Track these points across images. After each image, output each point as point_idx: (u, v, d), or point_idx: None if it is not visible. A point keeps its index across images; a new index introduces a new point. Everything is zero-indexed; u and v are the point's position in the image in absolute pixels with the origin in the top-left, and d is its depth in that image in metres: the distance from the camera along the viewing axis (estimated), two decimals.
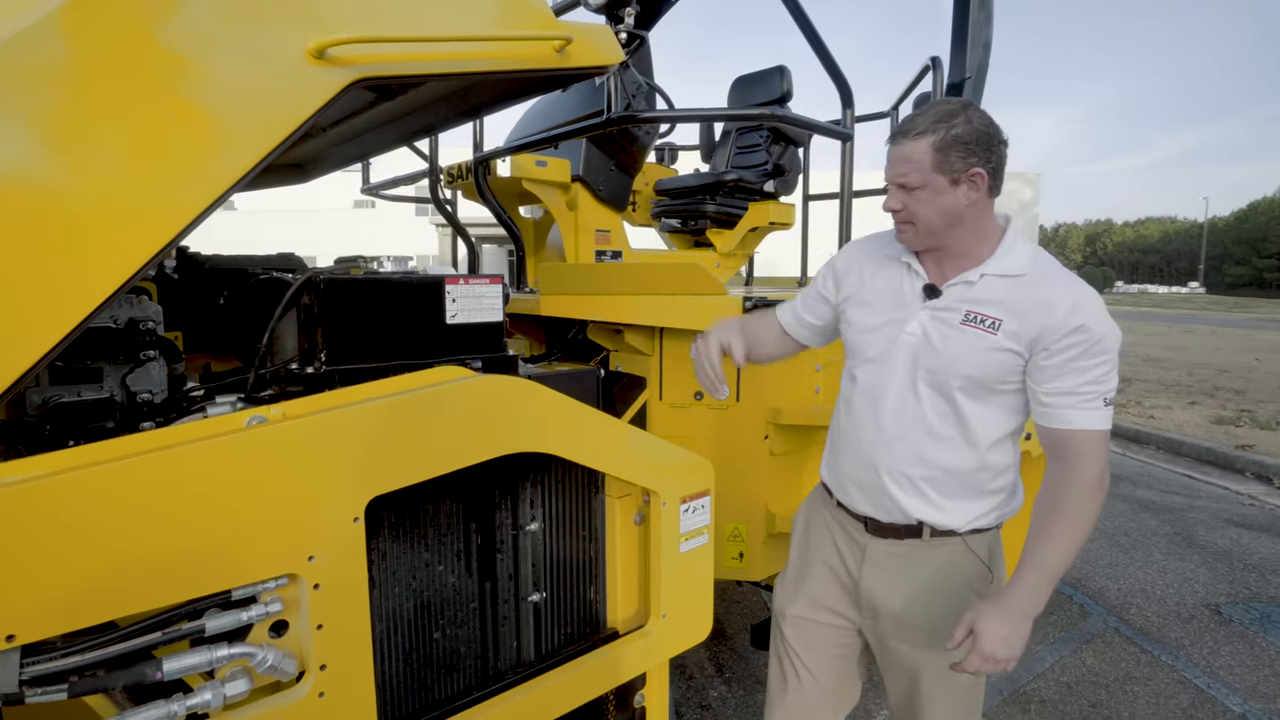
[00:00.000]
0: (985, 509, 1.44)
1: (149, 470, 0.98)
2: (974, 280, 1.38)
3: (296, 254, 1.94)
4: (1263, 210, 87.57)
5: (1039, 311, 1.31)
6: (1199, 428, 7.27)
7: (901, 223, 1.40)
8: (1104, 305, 1.32)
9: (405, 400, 1.17)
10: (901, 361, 1.43)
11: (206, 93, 1.11)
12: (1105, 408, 1.31)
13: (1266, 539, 4.49)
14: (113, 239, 1.04)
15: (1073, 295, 1.30)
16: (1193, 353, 14.53)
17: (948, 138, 1.29)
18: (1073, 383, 1.30)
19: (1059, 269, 1.37)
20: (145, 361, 1.36)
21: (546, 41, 1.41)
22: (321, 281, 1.27)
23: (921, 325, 1.41)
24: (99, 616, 0.94)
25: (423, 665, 1.41)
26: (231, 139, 1.13)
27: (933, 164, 1.31)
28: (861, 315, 1.52)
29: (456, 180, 2.80)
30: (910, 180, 1.33)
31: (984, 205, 1.36)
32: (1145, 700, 2.81)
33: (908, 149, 1.33)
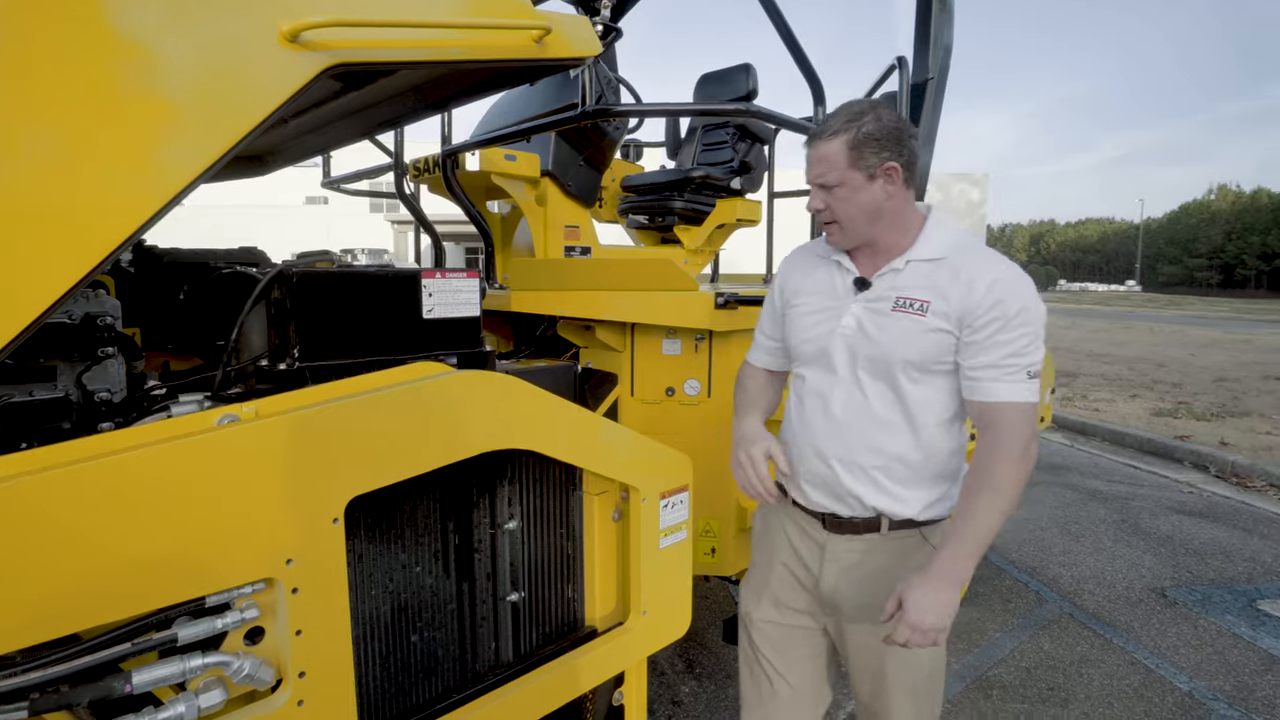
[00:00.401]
0: (938, 495, 1.47)
1: (115, 473, 0.93)
2: (900, 268, 1.43)
3: (259, 248, 1.87)
4: (1193, 212, 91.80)
5: (961, 290, 1.36)
6: (1140, 419, 7.58)
7: (827, 223, 1.45)
8: (1027, 281, 1.37)
9: (386, 396, 1.14)
10: (842, 356, 1.47)
11: (172, 77, 1.05)
12: (1029, 380, 1.35)
13: (1205, 524, 4.71)
14: (70, 231, 0.98)
15: (992, 273, 1.35)
16: (1132, 348, 15.14)
17: (860, 135, 1.35)
18: (995, 356, 1.34)
19: (980, 248, 1.42)
20: (103, 359, 1.29)
21: (525, 31, 1.38)
22: (295, 275, 1.22)
23: (856, 318, 1.45)
24: (62, 629, 0.89)
25: (400, 669, 1.38)
26: (198, 127, 1.08)
27: (848, 161, 1.36)
28: (800, 317, 1.56)
29: (423, 174, 2.74)
30: (829, 179, 1.39)
31: (902, 198, 1.41)
32: (1099, 682, 2.91)
33: (823, 149, 1.38)
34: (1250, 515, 4.90)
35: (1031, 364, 1.35)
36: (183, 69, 1.06)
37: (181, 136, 1.07)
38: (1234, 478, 5.73)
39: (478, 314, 1.48)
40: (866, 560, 1.49)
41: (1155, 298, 57.31)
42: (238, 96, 1.11)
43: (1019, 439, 1.34)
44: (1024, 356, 1.34)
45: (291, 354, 1.25)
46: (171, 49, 1.05)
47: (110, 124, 1.00)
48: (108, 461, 0.93)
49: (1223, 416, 7.68)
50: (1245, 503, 5.16)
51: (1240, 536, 4.49)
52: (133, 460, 0.94)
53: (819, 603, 1.56)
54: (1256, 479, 5.64)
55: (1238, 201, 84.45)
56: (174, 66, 1.06)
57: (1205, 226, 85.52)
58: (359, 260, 2.01)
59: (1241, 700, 2.78)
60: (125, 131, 1.02)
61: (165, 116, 1.05)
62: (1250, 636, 3.26)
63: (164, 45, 1.05)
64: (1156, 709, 2.73)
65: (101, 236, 1.01)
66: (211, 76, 1.09)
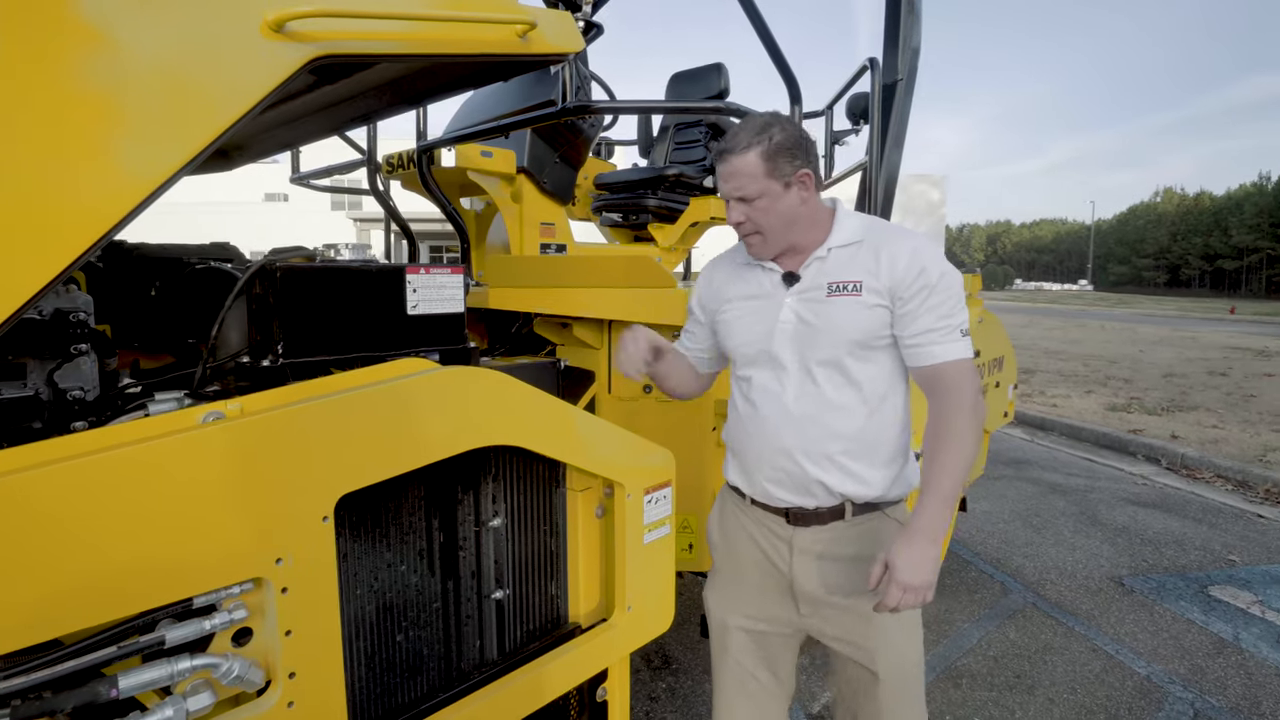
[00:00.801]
0: (895, 473, 1.51)
1: (97, 472, 0.90)
2: (824, 256, 1.50)
3: (232, 244, 1.83)
4: (1141, 214, 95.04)
5: (885, 266, 1.44)
6: (1095, 414, 7.82)
7: (748, 235, 1.50)
8: (939, 250, 1.48)
9: (378, 392, 1.12)
10: (788, 350, 1.50)
11: (152, 67, 1.03)
12: (963, 338, 1.44)
13: (1158, 515, 4.89)
14: (46, 226, 0.95)
15: (909, 245, 1.44)
16: (1086, 345, 15.63)
17: (772, 147, 1.40)
18: (929, 320, 1.42)
19: (890, 227, 1.52)
20: (75, 356, 1.25)
21: (510, 25, 1.37)
22: (278, 269, 1.20)
23: (793, 310, 1.50)
24: (45, 634, 0.87)
25: (386, 669, 1.36)
26: (178, 119, 1.05)
27: (765, 172, 1.41)
28: (733, 322, 1.59)
29: (396, 170, 2.70)
30: (749, 190, 1.43)
31: (814, 200, 1.49)
32: (1063, 669, 3.00)
33: (738, 163, 1.42)
34: (1200, 505, 5.10)
35: (961, 323, 1.44)
36: (163, 59, 1.03)
37: (161, 129, 1.04)
38: (1184, 469, 5.96)
39: (462, 310, 1.47)
40: (834, 549, 1.51)
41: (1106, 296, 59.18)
42: (219, 88, 1.08)
43: (968, 391, 1.42)
44: (954, 317, 1.43)
45: (274, 350, 1.23)
46: (152, 39, 1.03)
47: (87, 116, 0.98)
48: (90, 460, 0.91)
49: (1172, 411, 7.97)
50: (1195, 493, 5.37)
51: (1191, 526, 4.67)
52: (116, 459, 0.92)
53: (794, 601, 1.56)
54: (1205, 470, 5.87)
55: (1182, 204, 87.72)
56: (154, 57, 1.03)
57: (1152, 228, 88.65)
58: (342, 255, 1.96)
59: (1195, 682, 2.90)
60: (103, 124, 0.99)
61: (144, 108, 1.02)
62: (1202, 621, 3.40)
63: (144, 35, 1.02)
64: (1117, 693, 2.83)
65: (78, 231, 0.98)
66: (193, 67, 1.06)
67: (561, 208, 2.93)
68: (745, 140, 1.42)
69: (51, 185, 0.96)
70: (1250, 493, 5.35)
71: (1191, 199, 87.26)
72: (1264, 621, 3.41)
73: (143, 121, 1.02)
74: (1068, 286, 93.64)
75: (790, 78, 2.08)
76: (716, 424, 2.52)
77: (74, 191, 0.97)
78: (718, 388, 2.49)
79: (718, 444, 2.56)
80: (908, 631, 1.54)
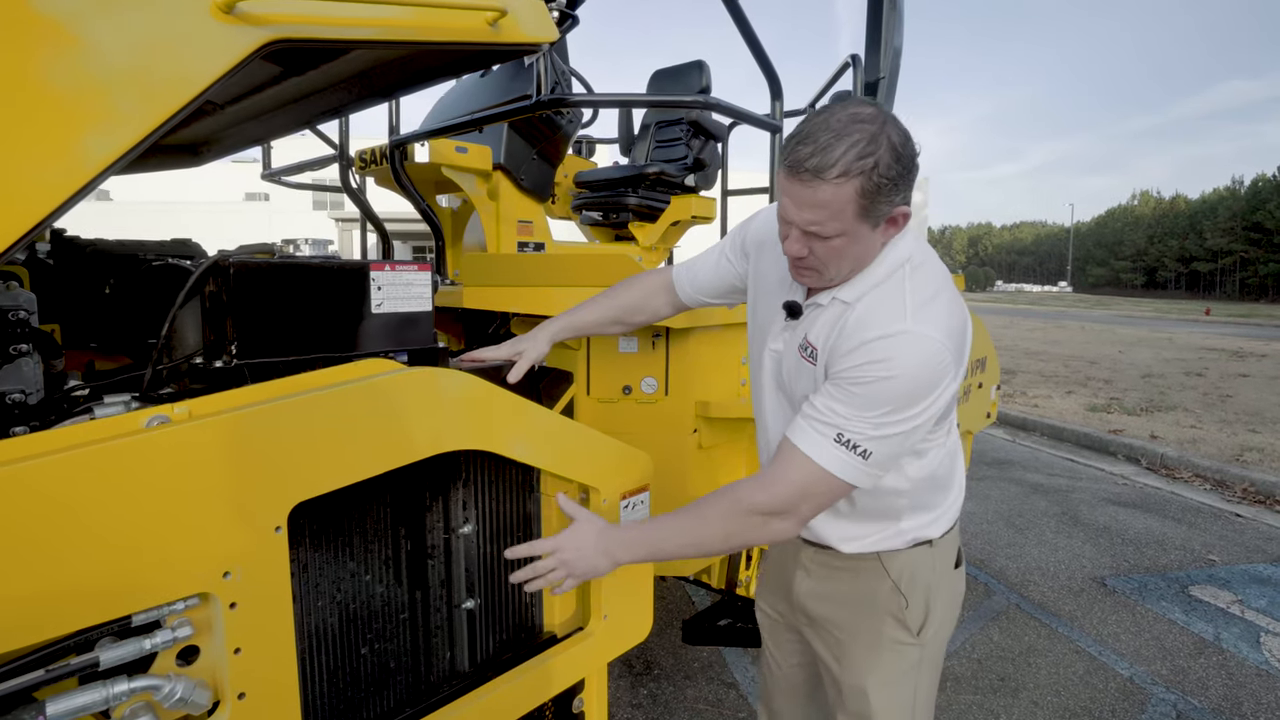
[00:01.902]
0: (874, 530, 1.36)
1: (29, 480, 0.84)
2: (824, 304, 1.25)
3: (194, 240, 1.76)
4: (1118, 216, 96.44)
5: (839, 336, 1.18)
6: (1076, 415, 7.87)
7: (805, 268, 1.20)
8: (927, 347, 1.11)
9: (333, 395, 1.06)
10: (769, 374, 1.40)
11: (87, 48, 0.96)
12: (836, 444, 1.12)
13: (1139, 515, 4.91)
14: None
15: (879, 329, 1.13)
16: (1066, 346, 15.77)
17: (875, 179, 1.05)
18: (820, 400, 1.16)
19: (895, 300, 1.16)
20: (16, 357, 1.18)
21: (479, 12, 1.32)
22: (231, 265, 1.14)
23: (784, 342, 1.35)
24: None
25: (349, 684, 1.30)
26: (116, 106, 0.98)
27: (857, 212, 1.08)
28: (751, 304, 1.50)
29: (369, 166, 2.64)
30: (826, 230, 1.10)
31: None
32: (1047, 671, 2.99)
33: (825, 194, 1.06)
34: (1180, 505, 5.13)
35: (847, 430, 1.12)
36: (103, 39, 0.97)
37: (97, 116, 0.97)
38: (1163, 469, 6.00)
39: (430, 309, 1.41)
40: (829, 574, 1.45)
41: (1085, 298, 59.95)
42: (163, 72, 1.02)
43: (773, 492, 1.17)
44: (838, 416, 1.12)
45: (229, 351, 1.16)
46: (91, 19, 0.96)
47: (15, 101, 0.91)
48: (19, 468, 0.84)
49: (1151, 411, 8.04)
50: (1175, 493, 5.40)
51: (1171, 526, 4.70)
52: (49, 466, 0.85)
53: (791, 606, 1.54)
54: (1184, 470, 5.91)
55: (1158, 207, 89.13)
56: (93, 36, 0.96)
57: (1129, 231, 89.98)
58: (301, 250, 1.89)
59: (1178, 683, 2.89)
60: (34, 109, 0.92)
61: (79, 93, 0.96)
62: (1184, 622, 3.40)
63: (83, 15, 0.96)
64: (1101, 695, 2.82)
65: (5, 224, 0.91)
66: (135, 50, 0.99)
67: (540, 205, 2.87)
68: (841, 164, 1.04)
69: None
70: (1228, 492, 5.39)
71: (1167, 203, 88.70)
72: (1244, 621, 3.41)
73: (78, 107, 0.96)
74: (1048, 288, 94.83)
75: (771, 73, 2.04)
76: (698, 426, 2.47)
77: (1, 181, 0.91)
78: (700, 390, 2.45)
79: (699, 446, 2.51)
80: (904, 672, 1.40)
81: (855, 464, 1.13)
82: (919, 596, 1.38)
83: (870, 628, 1.40)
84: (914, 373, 1.11)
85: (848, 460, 1.13)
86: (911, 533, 1.37)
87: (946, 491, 1.40)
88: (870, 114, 1.08)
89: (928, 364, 1.11)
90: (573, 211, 3.68)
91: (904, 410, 1.12)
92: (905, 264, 1.20)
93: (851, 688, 1.42)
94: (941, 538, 1.40)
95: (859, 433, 1.12)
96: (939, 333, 1.13)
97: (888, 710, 1.40)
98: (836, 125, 1.07)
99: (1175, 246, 79.12)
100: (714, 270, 1.60)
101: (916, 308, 1.14)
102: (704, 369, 2.46)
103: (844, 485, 1.16)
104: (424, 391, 1.19)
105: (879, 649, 1.40)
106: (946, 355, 1.13)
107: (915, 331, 1.12)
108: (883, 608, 1.39)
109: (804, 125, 1.11)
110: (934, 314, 1.15)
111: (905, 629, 1.39)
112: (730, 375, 2.60)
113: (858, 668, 1.41)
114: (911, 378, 1.11)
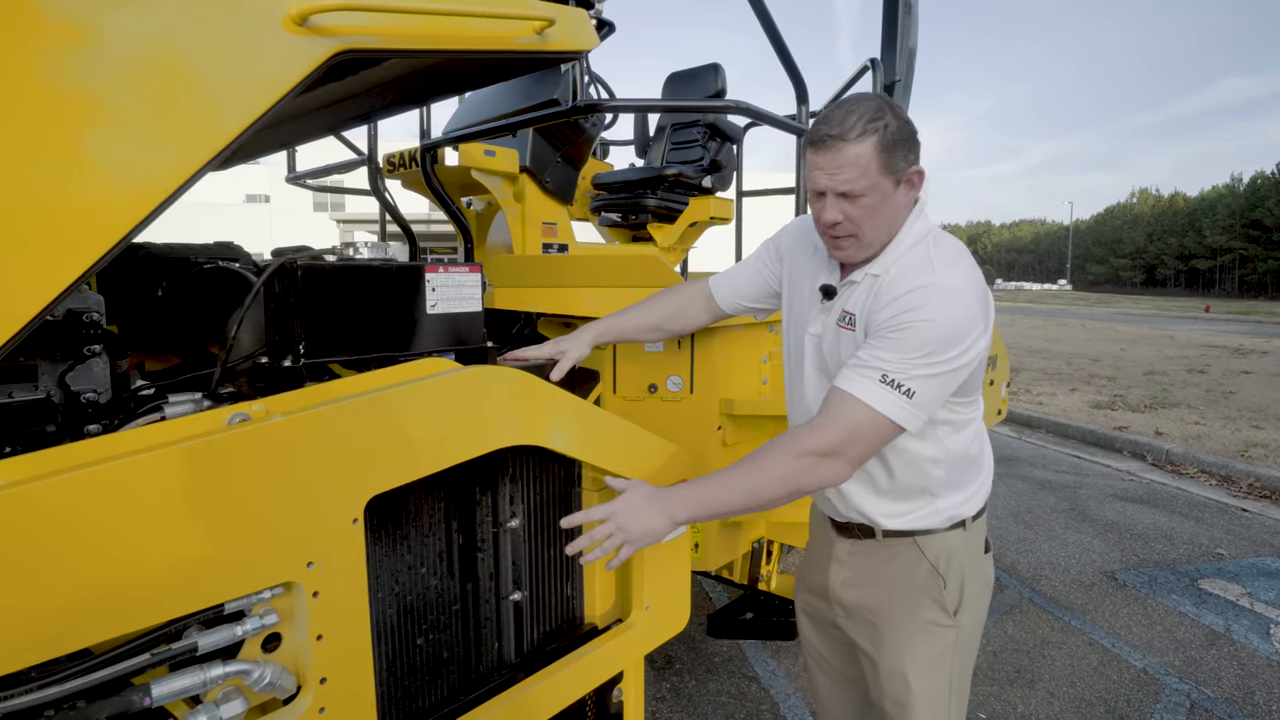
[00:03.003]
0: (914, 508, 1.40)
1: (125, 478, 0.88)
2: (858, 280, 1.35)
3: (236, 244, 1.80)
4: (1117, 214, 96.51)
5: (874, 300, 1.29)
6: (1081, 412, 7.92)
7: (842, 236, 1.30)
8: (958, 297, 1.22)
9: (407, 392, 1.10)
10: (810, 359, 1.46)
11: (174, 63, 1.01)
12: (881, 384, 1.20)
13: (1146, 510, 4.95)
14: (68, 227, 0.93)
15: (910, 281, 1.24)
16: (1068, 344, 15.83)
17: (889, 136, 1.21)
18: (863, 352, 1.26)
19: (922, 260, 1.28)
20: (88, 358, 1.22)
21: (529, 21, 1.36)
22: (299, 268, 1.18)
23: (822, 324, 1.43)
24: (76, 644, 0.84)
25: (407, 673, 1.34)
26: (202, 116, 1.03)
27: (880, 166, 1.22)
28: (786, 303, 1.57)
29: (397, 170, 2.68)
30: (857, 185, 1.23)
31: (913, 202, 1.34)
32: (1061, 663, 3.03)
33: (850, 152, 1.21)
34: (1186, 500, 5.18)
35: (894, 371, 1.20)
36: (185, 54, 1.01)
37: (184, 127, 1.02)
38: (1169, 465, 6.05)
39: (480, 309, 1.45)
40: (866, 566, 1.48)
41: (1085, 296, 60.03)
42: (243, 84, 1.06)
43: (826, 435, 1.23)
44: (885, 362, 1.21)
45: (296, 350, 1.21)
46: (173, 33, 1.01)
47: (109, 114, 0.95)
48: (117, 466, 0.88)
49: (1155, 408, 8.09)
50: (1181, 489, 5.45)
51: (1178, 520, 4.75)
52: (144, 464, 0.90)
53: (828, 599, 1.57)
54: (1189, 466, 5.96)
55: (1157, 205, 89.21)
56: (175, 52, 1.01)
57: (1128, 228, 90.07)
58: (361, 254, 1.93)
59: (1190, 674, 2.94)
60: (125, 122, 0.97)
61: (167, 105, 1.00)
62: (1194, 614, 3.45)
63: (165, 30, 1.00)
64: (1115, 686, 2.86)
65: (100, 232, 0.96)
66: (215, 62, 1.04)
67: (563, 208, 2.92)
68: (858, 126, 1.21)
69: (72, 185, 0.94)
70: (1234, 487, 5.44)
71: (1166, 200, 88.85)
72: (1253, 613, 3.46)
73: (164, 119, 1.00)
74: (1047, 286, 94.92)
75: (797, 77, 2.08)
76: (722, 423, 2.52)
77: (94, 191, 0.95)
78: (724, 387, 2.49)
79: (723, 444, 2.56)
80: (940, 654, 1.44)
81: (900, 402, 1.21)
82: (955, 578, 1.43)
83: (908, 610, 1.44)
84: (946, 317, 1.22)
85: (893, 399, 1.21)
86: (947, 511, 1.42)
87: (978, 469, 1.47)
88: (871, 96, 1.28)
89: (958, 310, 1.23)
90: (591, 213, 3.72)
91: (941, 353, 1.21)
92: (928, 236, 1.34)
93: (890, 673, 1.46)
94: (974, 519, 1.46)
95: (902, 372, 1.21)
96: (965, 284, 1.25)
97: (926, 694, 1.44)
98: (846, 106, 1.26)
99: (1174, 244, 79.30)
100: (753, 277, 1.68)
101: (944, 265, 1.27)
102: (728, 367, 2.50)
103: (890, 425, 1.22)
104: (490, 388, 1.23)
105: (916, 631, 1.44)
106: (975, 304, 1.24)
107: (944, 283, 1.24)
108: (921, 589, 1.43)
109: (821, 115, 1.30)
110: (959, 271, 1.27)
111: (943, 610, 1.43)
112: (752, 374, 2.65)
113: (897, 652, 1.46)
114: (945, 322, 1.21)
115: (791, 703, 2.76)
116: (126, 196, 0.97)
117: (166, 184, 1.00)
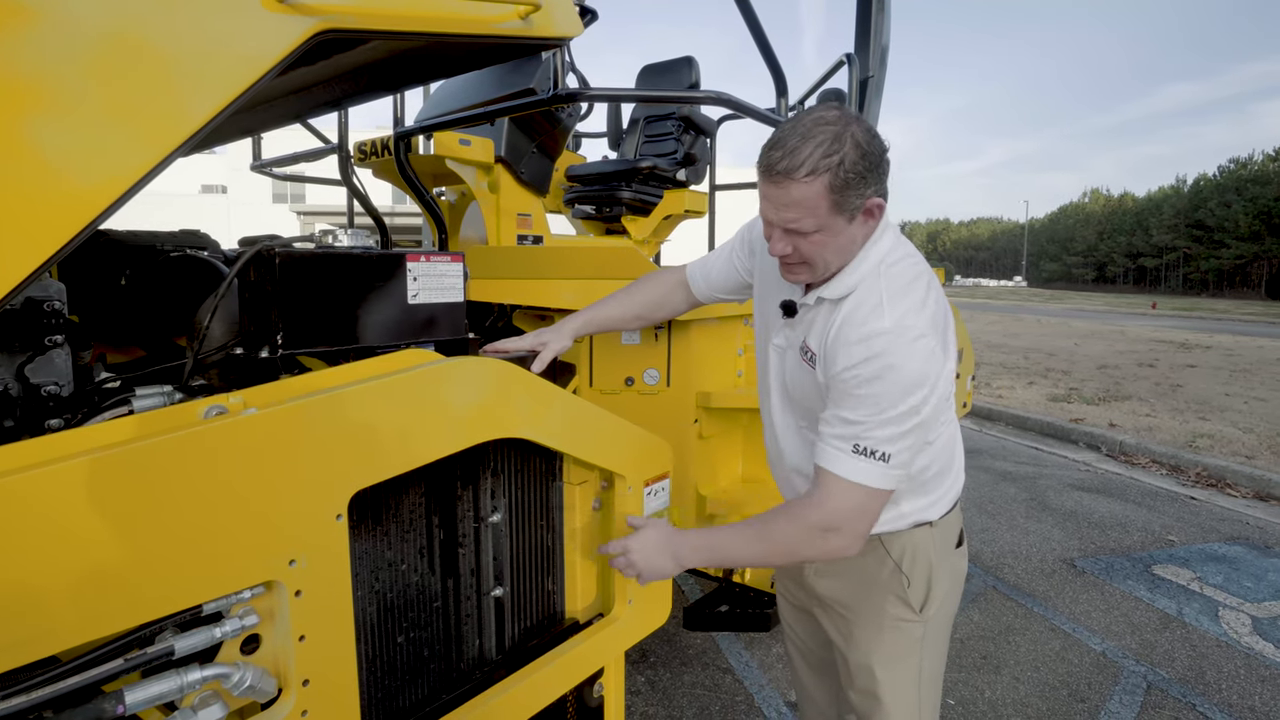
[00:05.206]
0: (887, 511, 1.38)
1: (96, 474, 0.83)
2: (811, 304, 1.32)
3: (203, 232, 1.73)
4: (1070, 214, 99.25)
5: (830, 343, 1.24)
6: (1038, 405, 8.14)
7: (794, 263, 1.26)
8: (916, 345, 1.17)
9: (391, 384, 1.07)
10: (774, 372, 1.46)
11: (142, 40, 0.95)
12: (854, 456, 1.17)
13: (1102, 499, 5.11)
14: (31, 212, 0.88)
15: (866, 326, 1.19)
16: (1025, 339, 16.24)
17: (842, 175, 1.13)
18: (831, 412, 1.22)
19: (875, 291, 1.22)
20: (49, 348, 1.16)
21: (515, 6, 1.33)
22: (276, 255, 1.14)
23: (785, 338, 1.41)
24: (44, 650, 0.80)
25: (386, 672, 1.31)
26: (175, 97, 0.98)
27: (830, 207, 1.15)
28: (757, 298, 1.56)
29: (369, 158, 2.61)
30: (803, 226, 1.17)
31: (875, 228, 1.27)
32: (1025, 648, 3.12)
33: (795, 193, 1.14)
34: (1139, 489, 5.36)
35: (866, 440, 1.16)
36: (158, 32, 0.96)
37: (154, 109, 0.97)
38: (1122, 456, 6.25)
39: (462, 299, 1.42)
40: (837, 560, 1.47)
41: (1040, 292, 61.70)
42: (218, 64, 1.02)
43: (820, 511, 1.22)
44: (856, 425, 1.17)
45: (273, 341, 1.16)
46: (144, 9, 0.96)
47: (74, 94, 0.90)
48: (87, 461, 0.84)
49: (1108, 401, 8.35)
50: (1134, 478, 5.64)
51: (1132, 509, 4.91)
52: (116, 459, 0.85)
53: (803, 588, 1.59)
54: (1141, 456, 6.17)
55: (1108, 205, 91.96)
56: (147, 29, 0.96)
57: (1081, 227, 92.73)
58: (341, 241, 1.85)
59: (1146, 657, 3.05)
60: (91, 102, 0.92)
61: (136, 85, 0.95)
62: (1149, 599, 3.57)
63: (136, 5, 0.95)
64: (1076, 669, 2.95)
65: (65, 217, 0.91)
66: (190, 40, 0.99)
67: (538, 199, 2.88)
68: (809, 163, 1.11)
69: (36, 168, 0.89)
70: (1183, 476, 5.64)
71: (1116, 200, 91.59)
72: (1203, 597, 3.60)
73: (133, 100, 0.95)
74: (1004, 283, 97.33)
75: (777, 69, 2.08)
76: (699, 416, 2.52)
77: (59, 175, 0.91)
78: (700, 380, 2.49)
79: (699, 436, 2.56)
80: (907, 649, 1.46)
81: (878, 469, 1.18)
82: (920, 575, 1.44)
83: (874, 607, 1.46)
84: (902, 364, 1.16)
85: (868, 468, 1.18)
86: (911, 515, 1.42)
87: (944, 477, 1.47)
88: (834, 116, 1.16)
89: (915, 354, 1.17)
90: (564, 205, 3.69)
91: (904, 401, 1.16)
92: (880, 264, 1.26)
93: (859, 665, 1.48)
94: (942, 519, 1.47)
95: (871, 437, 1.17)
96: (919, 322, 1.19)
97: (894, 686, 1.46)
98: (803, 129, 1.15)
99: (1124, 242, 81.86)
100: (725, 269, 1.67)
101: (894, 302, 1.20)
102: (704, 360, 2.50)
103: (876, 492, 1.20)
104: (475, 380, 1.21)
105: (883, 628, 1.46)
106: (931, 342, 1.19)
107: (895, 328, 1.18)
108: (885, 587, 1.44)
109: (777, 132, 1.20)
110: (911, 306, 1.21)
111: (908, 607, 1.44)
112: (728, 366, 2.65)
113: (864, 646, 1.48)
114: (906, 370, 1.16)
115: (766, 694, 2.78)
116: (93, 181, 0.93)
117: (135, 169, 0.96)
